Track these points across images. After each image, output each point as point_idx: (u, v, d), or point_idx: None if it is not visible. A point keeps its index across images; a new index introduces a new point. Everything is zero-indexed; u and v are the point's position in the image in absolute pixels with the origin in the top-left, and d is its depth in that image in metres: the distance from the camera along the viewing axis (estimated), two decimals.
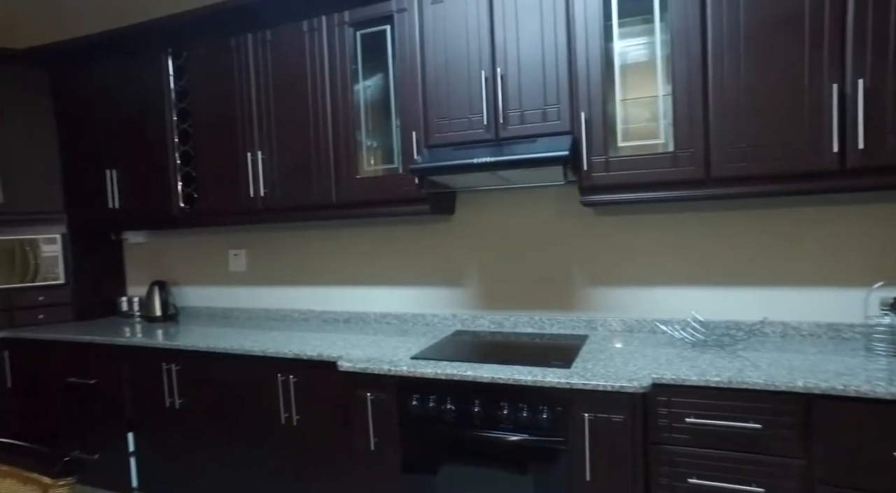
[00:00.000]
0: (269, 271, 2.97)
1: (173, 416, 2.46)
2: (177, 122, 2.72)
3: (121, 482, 2.63)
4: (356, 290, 2.75)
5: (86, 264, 3.21)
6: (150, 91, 2.74)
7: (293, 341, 2.31)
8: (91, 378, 2.68)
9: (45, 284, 3.09)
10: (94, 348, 2.64)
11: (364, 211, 2.32)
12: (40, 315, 3.08)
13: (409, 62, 2.16)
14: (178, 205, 2.73)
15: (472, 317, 2.48)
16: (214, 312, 3.11)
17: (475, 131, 2.04)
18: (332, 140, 2.33)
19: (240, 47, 2.49)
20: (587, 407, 1.62)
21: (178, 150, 2.73)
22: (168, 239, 3.26)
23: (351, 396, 1.97)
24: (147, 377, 2.52)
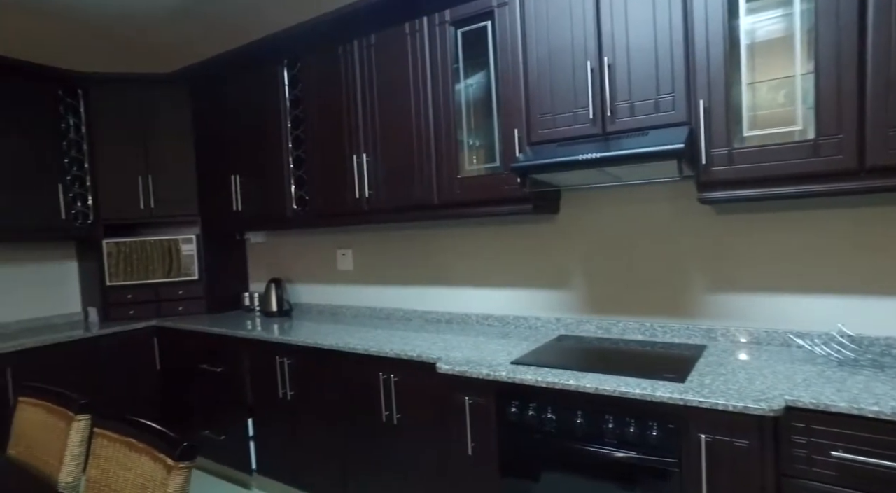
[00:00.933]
0: (374, 270, 3.05)
1: (286, 406, 2.61)
2: (290, 128, 2.89)
3: (242, 463, 2.85)
4: (458, 290, 2.74)
5: (216, 261, 3.52)
6: (268, 101, 2.93)
7: (395, 341, 2.35)
8: (218, 366, 2.93)
9: (183, 279, 3.43)
10: (220, 339, 2.89)
11: (466, 211, 2.30)
12: (180, 307, 3.44)
13: (510, 57, 2.09)
14: (292, 207, 2.90)
15: (577, 321, 2.36)
16: (324, 309, 3.27)
17: (581, 126, 1.93)
18: (434, 140, 2.34)
19: (346, 54, 2.58)
20: (704, 428, 1.46)
21: (291, 155, 2.89)
22: (284, 239, 3.49)
23: (449, 398, 1.95)
24: (263, 369, 2.70)
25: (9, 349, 2.74)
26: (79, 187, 3.31)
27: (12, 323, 3.25)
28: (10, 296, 3.26)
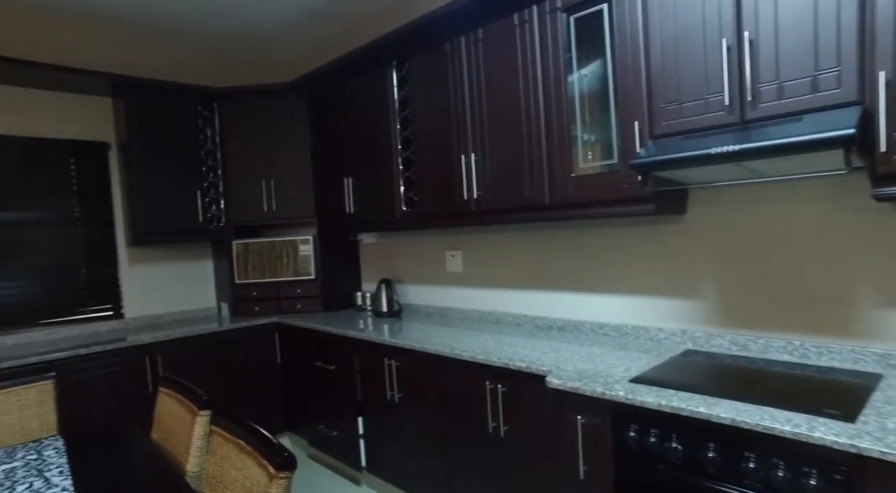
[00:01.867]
0: (483, 272, 2.97)
1: (393, 408, 2.62)
2: (399, 129, 2.90)
3: (353, 460, 2.92)
4: (571, 296, 2.57)
5: (331, 261, 3.66)
6: (378, 104, 2.96)
7: (503, 348, 2.25)
8: (331, 364, 3.03)
9: (301, 278, 3.61)
10: (332, 338, 2.98)
11: (580, 212, 2.13)
12: (298, 305, 3.62)
13: (629, 43, 1.89)
14: (401, 208, 2.90)
15: (707, 335, 2.09)
16: (432, 310, 3.25)
17: (714, 115, 1.68)
18: (545, 137, 2.19)
19: (454, 51, 2.52)
20: (889, 484, 1.17)
21: (400, 156, 2.90)
22: (394, 240, 3.53)
23: (560, 415, 1.81)
24: (372, 369, 2.74)
25: (160, 339, 3.05)
26: (213, 193, 3.61)
27: (164, 315, 3.63)
28: (163, 291, 3.64)
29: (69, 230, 3.27)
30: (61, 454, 1.82)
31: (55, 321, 3.21)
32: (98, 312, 3.36)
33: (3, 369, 2.57)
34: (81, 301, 3.31)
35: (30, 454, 1.83)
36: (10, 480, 1.63)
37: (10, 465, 1.75)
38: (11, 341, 3.07)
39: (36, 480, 1.61)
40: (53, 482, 1.58)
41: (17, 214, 3.11)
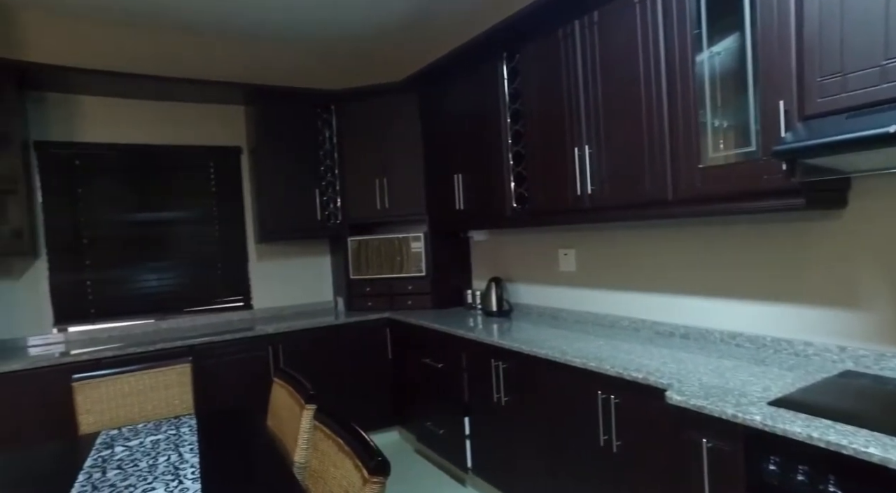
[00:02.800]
0: (598, 272, 2.78)
1: (500, 411, 2.54)
2: (510, 123, 2.80)
3: (459, 460, 2.88)
4: (698, 300, 2.30)
5: (441, 259, 3.66)
6: (488, 97, 2.89)
7: (618, 355, 2.07)
8: (439, 362, 3.02)
9: (412, 275, 3.66)
10: (440, 336, 2.97)
11: (709, 208, 1.88)
12: (409, 301, 3.67)
13: (776, 8, 1.62)
14: (511, 205, 2.81)
15: (875, 355, 1.74)
16: (543, 311, 3.11)
17: (891, 85, 1.38)
18: (668, 125, 1.97)
19: (567, 37, 2.36)
20: None
21: (510, 151, 2.80)
22: (504, 237, 3.44)
23: (681, 436, 1.61)
24: (479, 370, 2.68)
25: (281, 330, 3.26)
26: (331, 192, 3.77)
27: (287, 307, 3.88)
28: (286, 285, 3.90)
29: (208, 228, 3.61)
30: (193, 431, 1.98)
31: (196, 310, 3.56)
32: (231, 302, 3.68)
33: (155, 351, 2.88)
34: (218, 292, 3.64)
35: (171, 430, 2.01)
36: (155, 451, 1.80)
37: (157, 437, 1.94)
38: (164, 325, 3.46)
39: (173, 454, 1.76)
40: (185, 458, 1.71)
41: (169, 214, 3.49)
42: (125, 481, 1.58)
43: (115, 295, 3.34)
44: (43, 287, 3.16)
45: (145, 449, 1.82)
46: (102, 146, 3.32)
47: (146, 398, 2.29)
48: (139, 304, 3.41)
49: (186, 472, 1.61)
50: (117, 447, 1.87)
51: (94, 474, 1.65)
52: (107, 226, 3.33)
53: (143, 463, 1.70)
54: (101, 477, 1.62)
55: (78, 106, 3.26)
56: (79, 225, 3.26)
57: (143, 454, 1.79)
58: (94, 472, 1.66)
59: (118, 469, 1.67)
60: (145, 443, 1.88)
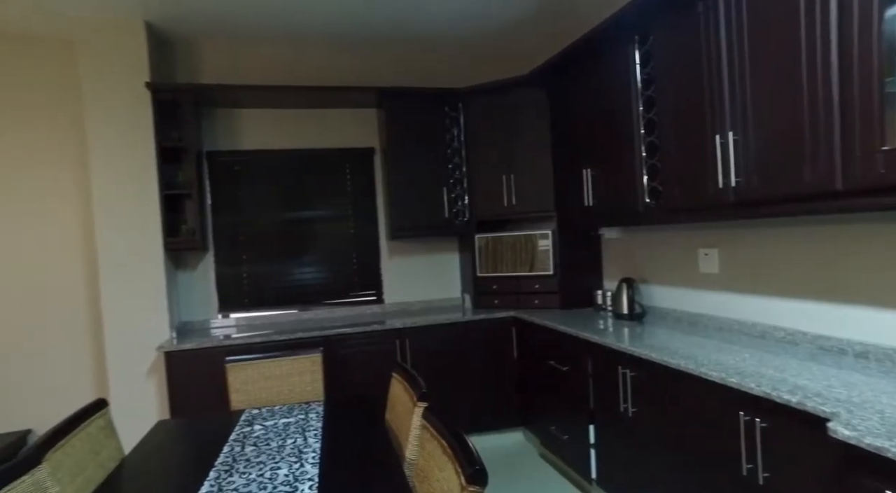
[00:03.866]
0: (745, 275, 2.44)
1: (626, 422, 2.35)
2: (642, 112, 2.57)
3: (582, 469, 2.73)
4: (874, 312, 1.91)
5: (570, 257, 3.51)
6: (619, 85, 2.69)
7: (766, 371, 1.79)
8: (564, 365, 2.89)
9: (539, 274, 3.55)
10: (566, 338, 2.84)
11: (894, 199, 1.54)
12: (536, 300, 3.58)
13: None
14: (644, 201, 2.58)
15: None
16: (681, 316, 2.82)
17: None
18: (839, 99, 1.64)
19: (708, 10, 2.09)
20: None
21: (643, 142, 2.58)
22: (638, 235, 3.19)
23: (850, 479, 1.33)
24: (606, 376, 2.50)
25: (409, 325, 3.36)
26: (458, 189, 3.81)
27: (415, 302, 4.01)
28: (415, 281, 4.02)
29: (344, 226, 3.86)
30: (319, 418, 2.11)
31: (333, 302, 3.83)
32: (364, 296, 3.89)
33: (296, 340, 3.15)
34: (353, 287, 3.87)
35: (300, 414, 2.17)
36: (285, 432, 1.95)
37: (288, 420, 2.10)
38: (305, 315, 3.77)
39: (299, 437, 1.89)
40: (309, 443, 1.83)
41: (311, 213, 3.80)
42: (258, 457, 1.73)
43: (265, 287, 3.72)
44: (211, 278, 3.62)
45: (277, 430, 1.98)
46: (257, 153, 3.71)
47: (283, 383, 2.50)
48: (285, 295, 3.75)
49: (308, 456, 1.71)
50: (256, 425, 2.06)
51: (236, 447, 1.83)
52: (260, 224, 3.71)
53: (273, 443, 1.85)
54: (241, 451, 1.79)
55: (239, 118, 3.67)
56: (238, 224, 3.68)
57: (275, 434, 1.94)
58: (236, 446, 1.85)
59: (254, 446, 1.83)
60: (278, 425, 2.05)
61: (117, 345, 3.15)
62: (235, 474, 1.61)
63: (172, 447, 1.92)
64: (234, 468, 1.65)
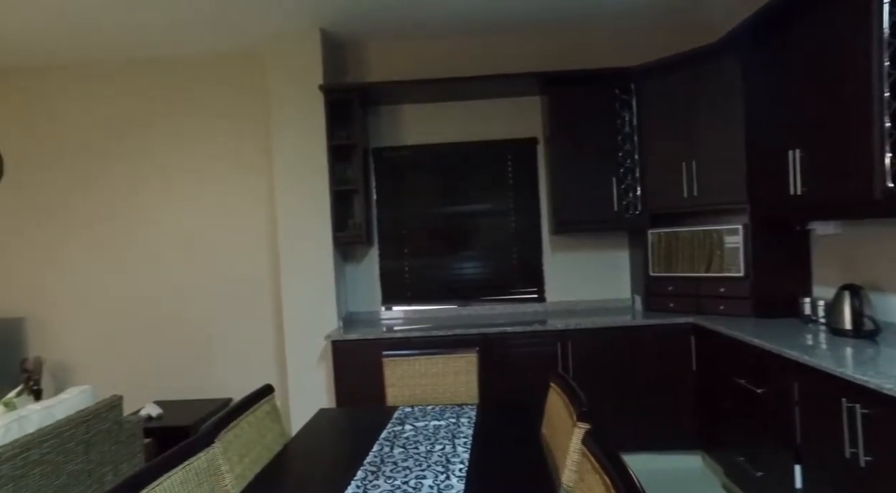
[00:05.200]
0: None
1: (856, 472, 1.83)
2: (888, 68, 1.98)
3: None
4: None
5: (766, 257, 2.93)
6: (850, 35, 2.11)
7: None
8: (758, 386, 2.40)
9: (726, 275, 3.03)
10: (763, 354, 2.34)
11: None
12: (721, 306, 3.06)
13: None
14: (883, 185, 2.00)
15: None
16: None
17: None
18: None
19: None
20: None
21: (887, 108, 1.98)
22: (866, 230, 2.52)
23: None
24: (821, 409, 1.99)
25: (572, 326, 3.12)
26: (630, 179, 3.42)
27: (579, 302, 3.72)
28: (580, 279, 3.73)
29: (504, 220, 3.72)
30: (471, 424, 1.99)
31: (493, 299, 3.72)
32: (525, 294, 3.71)
33: (453, 336, 3.10)
34: (512, 283, 3.72)
35: (452, 418, 2.08)
36: (435, 437, 1.87)
37: (439, 423, 2.03)
38: (464, 311, 3.72)
39: (448, 444, 1.79)
40: (458, 452, 1.72)
41: (471, 207, 3.73)
42: (405, 461, 1.66)
43: (425, 281, 3.75)
44: (375, 271, 3.76)
45: (427, 433, 1.91)
46: (419, 148, 3.74)
47: (438, 382, 2.44)
48: (444, 290, 3.74)
49: (455, 467, 1.59)
50: (407, 425, 2.01)
51: (385, 447, 1.79)
52: (421, 219, 3.75)
53: (422, 447, 1.77)
54: (389, 452, 1.74)
55: (402, 114, 3.74)
56: (401, 218, 3.76)
57: (424, 437, 1.87)
58: (385, 445, 1.81)
59: (402, 448, 1.77)
60: (429, 427, 1.98)
61: (294, 331, 3.42)
62: (381, 477, 1.55)
63: (329, 438, 1.96)
64: (381, 470, 1.60)
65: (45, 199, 3.87)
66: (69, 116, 3.84)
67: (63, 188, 3.85)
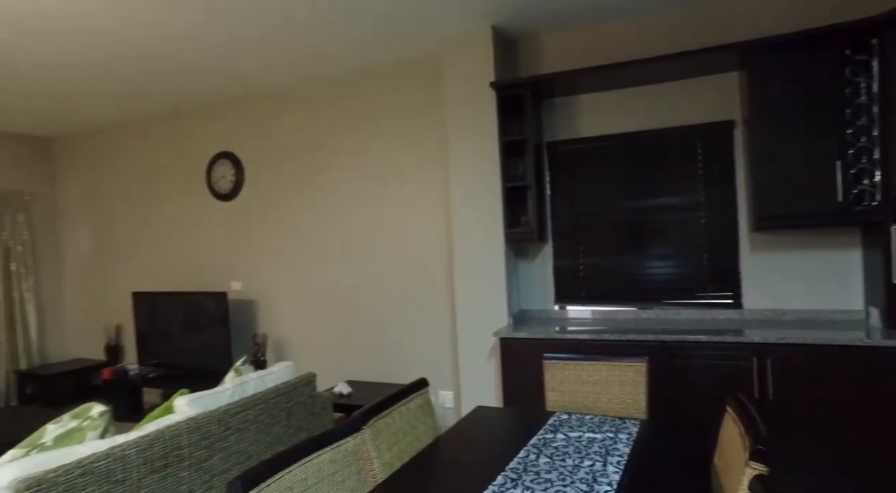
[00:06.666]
0: None
1: None
2: None
3: None
4: None
5: None
6: None
7: None
8: None
9: None
10: None
11: None
12: None
13: None
14: None
15: None
16: None
17: None
18: None
19: None
20: None
21: None
22: None
23: None
24: None
25: (775, 340, 2.63)
26: (864, 162, 2.75)
27: (788, 311, 3.12)
28: (788, 284, 3.13)
29: (693, 215, 3.29)
30: (630, 442, 1.81)
31: (677, 303, 3.33)
32: (717, 298, 3.24)
33: (628, 342, 2.86)
34: (701, 286, 3.28)
35: (609, 432, 1.91)
36: (586, 450, 1.75)
37: (595, 436, 1.88)
38: (644, 315, 3.41)
39: (599, 462, 1.65)
40: (607, 472, 1.57)
41: (653, 202, 3.39)
42: (548, 473, 1.57)
43: (601, 280, 3.52)
44: (548, 269, 3.66)
45: (579, 446, 1.78)
46: (596, 139, 3.52)
47: (601, 390, 2.27)
48: (622, 291, 3.47)
49: (601, 488, 1.45)
50: (560, 434, 1.91)
51: (531, 454, 1.72)
52: (598, 215, 3.53)
53: (569, 460, 1.66)
54: (534, 461, 1.67)
55: (577, 106, 3.57)
56: (575, 214, 3.59)
57: (575, 449, 1.75)
58: (532, 452, 1.74)
59: (548, 459, 1.68)
60: (582, 439, 1.84)
61: (465, 327, 3.51)
62: (520, 486, 1.49)
63: (478, 438, 1.96)
64: (521, 479, 1.54)
65: (271, 199, 4.61)
66: (290, 129, 4.51)
67: (284, 190, 4.55)
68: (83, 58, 3.58)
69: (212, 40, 3.42)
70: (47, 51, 3.43)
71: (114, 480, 1.99)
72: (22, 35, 3.18)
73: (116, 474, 1.99)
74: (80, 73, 3.87)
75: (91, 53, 3.51)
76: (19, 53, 3.45)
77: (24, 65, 3.65)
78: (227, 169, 4.78)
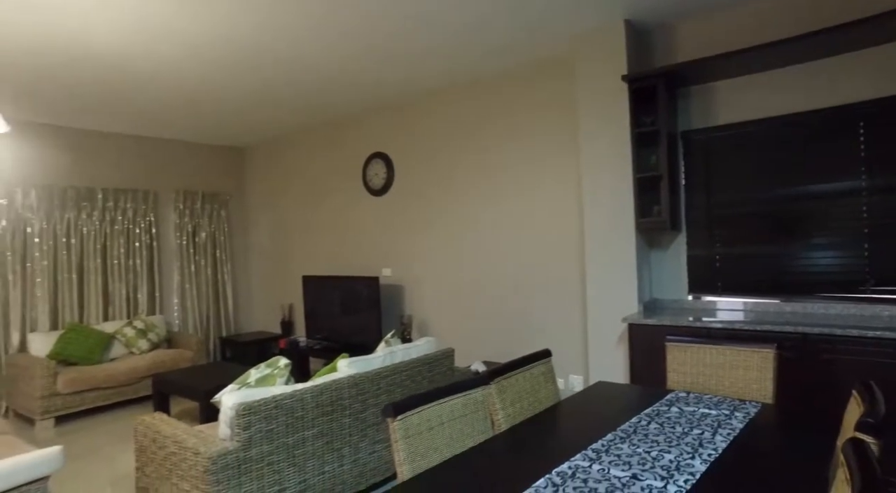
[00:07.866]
0: None
1: None
2: None
3: None
4: None
5: None
6: None
7: None
8: None
9: None
10: None
11: None
12: None
13: None
14: None
15: None
16: None
17: None
18: None
19: None
20: None
21: None
22: None
23: None
24: None
25: None
26: None
27: None
28: None
29: (852, 202, 3.03)
30: (745, 418, 1.85)
31: (831, 296, 3.09)
32: (883, 293, 2.95)
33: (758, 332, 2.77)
34: (861, 279, 3.01)
35: (725, 410, 1.96)
36: (700, 422, 1.83)
37: (710, 411, 1.95)
38: (788, 308, 3.22)
39: (708, 431, 1.74)
40: (715, 440, 1.66)
41: (802, 188, 3.17)
42: (657, 436, 1.70)
43: (740, 271, 3.39)
44: (682, 259, 3.61)
45: (692, 418, 1.87)
46: (734, 126, 3.40)
47: (724, 374, 2.28)
48: (764, 283, 3.30)
49: (705, 452, 1.56)
50: (674, 407, 2.00)
51: (643, 420, 1.86)
52: (736, 204, 3.40)
53: (679, 428, 1.77)
54: (645, 426, 1.81)
55: (714, 93, 3.47)
56: (712, 204, 3.49)
57: (686, 420, 1.84)
58: (643, 419, 1.87)
59: (658, 425, 1.81)
60: (696, 413, 1.92)
61: (596, 312, 3.62)
62: (628, 442, 1.65)
63: (597, 405, 2.12)
64: (631, 438, 1.69)
65: (416, 194, 5.10)
66: (432, 129, 4.96)
67: (427, 185, 5.01)
68: (265, 80, 4.34)
69: (363, 55, 3.93)
70: (244, 80, 4.23)
71: (296, 416, 2.51)
72: (221, 71, 3.99)
73: (297, 411, 2.51)
74: (263, 97, 4.68)
75: (270, 77, 4.26)
76: (213, 83, 4.30)
77: (217, 90, 4.53)
78: (380, 167, 5.38)
